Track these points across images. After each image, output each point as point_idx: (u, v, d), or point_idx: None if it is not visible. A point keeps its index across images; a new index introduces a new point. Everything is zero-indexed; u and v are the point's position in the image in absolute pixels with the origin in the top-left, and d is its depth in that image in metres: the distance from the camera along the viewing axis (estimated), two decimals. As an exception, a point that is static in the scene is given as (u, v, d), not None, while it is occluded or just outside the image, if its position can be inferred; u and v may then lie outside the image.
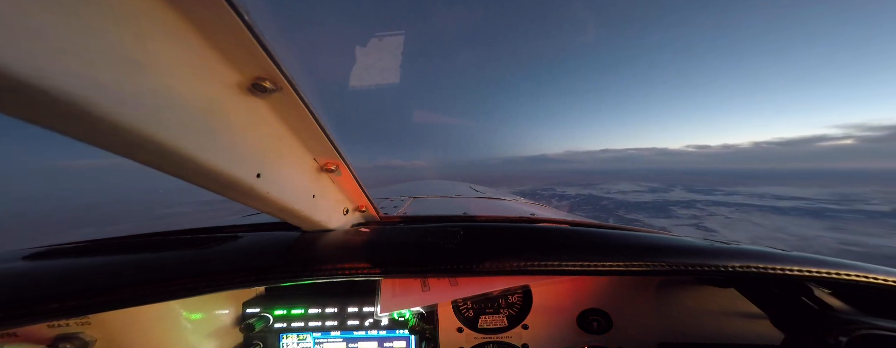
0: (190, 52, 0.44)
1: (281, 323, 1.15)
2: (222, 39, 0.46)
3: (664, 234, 0.93)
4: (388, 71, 21.18)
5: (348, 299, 1.16)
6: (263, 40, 0.47)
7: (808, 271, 0.74)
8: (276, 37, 0.48)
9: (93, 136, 0.39)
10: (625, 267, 0.76)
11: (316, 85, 0.72)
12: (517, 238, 0.87)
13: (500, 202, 2.27)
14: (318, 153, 0.79)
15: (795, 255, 0.79)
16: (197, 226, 1.12)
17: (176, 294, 0.70)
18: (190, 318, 1.02)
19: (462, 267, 0.78)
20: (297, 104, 0.61)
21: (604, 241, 0.84)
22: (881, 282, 0.73)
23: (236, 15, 0.42)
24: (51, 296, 0.67)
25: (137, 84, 0.38)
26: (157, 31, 0.40)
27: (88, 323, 0.89)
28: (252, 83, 0.53)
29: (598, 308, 1.14)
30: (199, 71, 0.46)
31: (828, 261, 0.77)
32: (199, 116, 0.47)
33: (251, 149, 0.59)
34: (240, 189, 0.59)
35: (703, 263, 0.76)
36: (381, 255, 0.81)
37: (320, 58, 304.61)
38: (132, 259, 0.80)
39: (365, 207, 1.09)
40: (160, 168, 0.48)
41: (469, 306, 1.19)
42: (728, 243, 0.85)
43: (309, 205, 0.82)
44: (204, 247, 0.86)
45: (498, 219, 1.13)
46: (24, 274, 0.75)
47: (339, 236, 0.92)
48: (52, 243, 1.00)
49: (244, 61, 0.50)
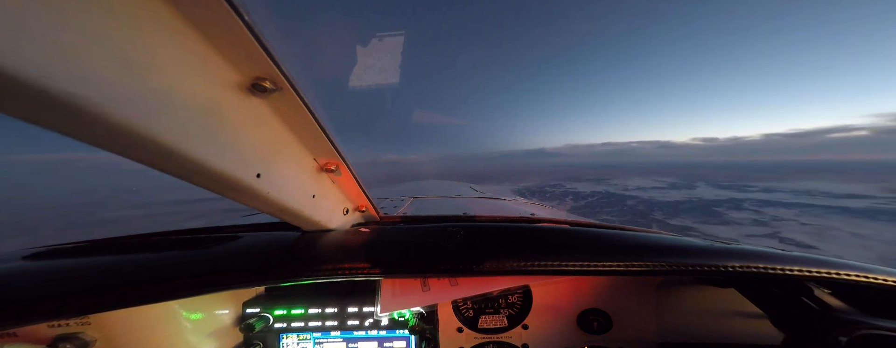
0: (190, 52, 0.44)
1: (281, 323, 1.15)
2: (222, 39, 0.46)
3: (664, 234, 0.93)
4: (387, 70, 20.84)
5: (348, 299, 1.16)
6: (263, 40, 0.47)
7: (808, 271, 0.74)
8: (276, 37, 0.48)
9: (93, 136, 0.39)
10: (625, 268, 0.76)
11: (316, 85, 0.73)
12: (517, 238, 0.87)
13: (500, 202, 2.27)
14: (318, 153, 0.79)
15: (795, 255, 0.79)
16: (197, 226, 1.12)
17: (176, 294, 0.70)
18: (190, 318, 1.02)
19: (462, 267, 0.78)
20: (297, 104, 0.61)
21: (604, 241, 0.84)
22: (881, 282, 0.73)
23: (236, 15, 0.42)
24: (51, 296, 0.67)
25: (137, 84, 0.38)
26: (158, 32, 0.40)
27: (88, 323, 0.89)
28: (252, 83, 0.53)
29: (598, 308, 1.14)
30: (199, 71, 0.46)
31: (828, 261, 0.78)
32: (199, 116, 0.47)
33: (251, 149, 0.59)
34: (240, 189, 0.59)
35: (703, 263, 0.76)
36: (381, 255, 0.81)
37: (320, 58, 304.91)
38: (132, 259, 0.80)
39: (365, 207, 1.09)
40: (160, 168, 0.48)
41: (469, 306, 1.19)
42: (728, 243, 0.85)
43: (309, 205, 0.82)
44: (204, 247, 0.86)
45: (498, 219, 1.13)
46: (24, 274, 0.75)
47: (339, 236, 0.92)
48: (52, 243, 1.00)
49: (244, 61, 0.50)
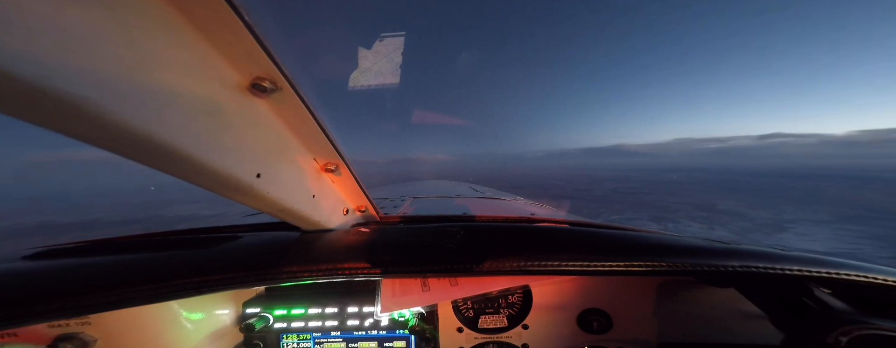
0: (190, 52, 0.44)
1: (281, 323, 1.15)
2: (222, 39, 0.46)
3: (664, 234, 0.93)
4: (395, 70, 21.06)
5: (348, 299, 1.16)
6: (263, 40, 0.47)
7: (808, 271, 0.74)
8: (276, 37, 0.48)
9: (92, 136, 0.39)
10: (625, 268, 0.76)
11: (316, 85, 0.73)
12: (517, 238, 0.87)
13: (500, 202, 2.27)
14: (318, 153, 0.79)
15: (795, 255, 0.79)
16: (197, 227, 1.12)
17: (176, 294, 0.70)
18: (190, 318, 1.02)
19: (462, 267, 0.78)
20: (297, 104, 0.61)
21: (604, 241, 0.84)
22: (881, 282, 0.74)
23: (236, 15, 0.42)
24: (51, 296, 0.67)
25: (137, 84, 0.38)
26: (158, 31, 0.40)
27: (88, 323, 0.89)
28: (252, 83, 0.53)
29: (598, 308, 1.14)
30: (199, 71, 0.46)
31: (828, 260, 0.78)
32: (199, 116, 0.47)
33: (251, 149, 0.59)
34: (240, 189, 0.59)
35: (703, 263, 0.76)
36: (381, 255, 0.81)
37: (320, 58, 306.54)
38: (132, 259, 0.80)
39: (365, 207, 1.09)
40: (160, 168, 0.48)
41: (469, 306, 1.19)
42: (728, 243, 0.85)
43: (309, 205, 0.82)
44: (204, 247, 0.86)
45: (498, 218, 1.13)
46: (24, 274, 0.75)
47: (339, 236, 0.92)
48: (51, 243, 1.00)
49: (244, 61, 0.50)
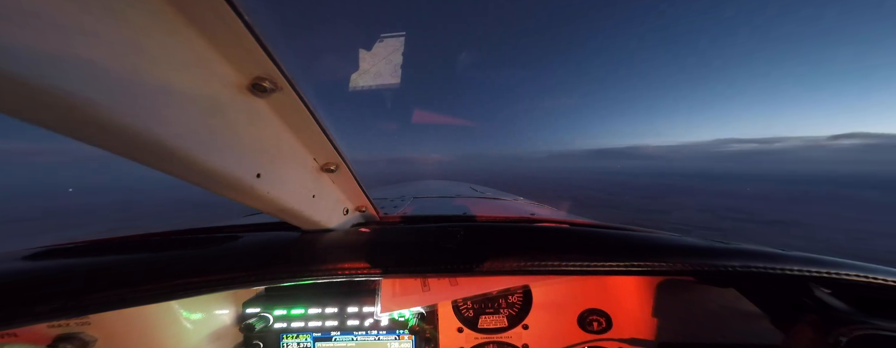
0: (190, 52, 0.44)
1: (281, 323, 1.15)
2: (222, 39, 0.46)
3: (664, 234, 0.93)
4: (395, 71, 20.82)
5: (348, 299, 1.16)
6: (263, 40, 0.47)
7: (808, 271, 0.74)
8: (276, 37, 0.48)
9: (92, 136, 0.39)
10: (625, 268, 0.76)
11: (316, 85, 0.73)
12: (517, 238, 0.87)
13: (501, 202, 2.27)
14: (318, 153, 0.79)
15: (795, 255, 0.79)
16: (197, 226, 1.12)
17: (176, 294, 0.70)
18: (190, 318, 1.02)
19: (462, 267, 0.78)
20: (297, 104, 0.61)
21: (604, 241, 0.84)
22: (881, 282, 0.74)
23: (236, 15, 0.42)
24: (51, 296, 0.67)
25: (137, 84, 0.38)
26: (157, 31, 0.40)
27: (88, 323, 0.89)
28: (252, 83, 0.53)
29: (598, 308, 1.15)
30: (198, 71, 0.46)
31: (828, 260, 0.78)
32: (198, 116, 0.47)
33: (251, 149, 0.59)
34: (240, 189, 0.59)
35: (703, 263, 0.76)
36: (381, 255, 0.81)
37: (320, 58, 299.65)
38: (132, 259, 0.80)
39: (365, 207, 1.09)
40: (160, 168, 0.48)
41: (469, 306, 1.19)
42: (728, 243, 0.85)
43: (309, 205, 0.82)
44: (204, 246, 0.86)
45: (498, 219, 1.13)
46: (24, 274, 0.75)
47: (339, 236, 0.92)
48: (52, 243, 1.00)
49: (244, 61, 0.50)
